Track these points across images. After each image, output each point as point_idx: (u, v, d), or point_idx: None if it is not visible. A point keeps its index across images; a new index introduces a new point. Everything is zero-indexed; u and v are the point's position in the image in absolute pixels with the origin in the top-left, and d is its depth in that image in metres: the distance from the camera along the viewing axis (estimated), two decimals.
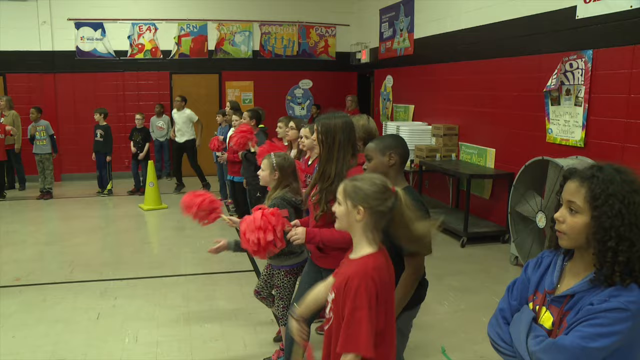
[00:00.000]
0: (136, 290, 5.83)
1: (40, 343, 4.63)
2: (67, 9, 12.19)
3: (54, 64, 12.25)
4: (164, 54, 12.71)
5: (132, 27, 12.56)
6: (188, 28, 12.73)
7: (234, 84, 13.05)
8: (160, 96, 12.53)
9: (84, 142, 11.51)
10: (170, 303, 5.46)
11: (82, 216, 9.42)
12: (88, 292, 5.81)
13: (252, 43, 13.01)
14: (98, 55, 12.48)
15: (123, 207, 9.94)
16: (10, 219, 9.23)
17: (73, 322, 5.03)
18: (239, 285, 5.90)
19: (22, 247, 7.59)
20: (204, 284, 6.02)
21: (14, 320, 5.10)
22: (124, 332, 4.82)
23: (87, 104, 11.98)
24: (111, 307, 5.37)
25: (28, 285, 6.04)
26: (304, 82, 13.39)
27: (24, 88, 12.17)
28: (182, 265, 6.72)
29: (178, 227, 8.54)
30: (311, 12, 13.14)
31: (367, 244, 2.24)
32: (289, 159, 4.09)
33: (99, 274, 6.32)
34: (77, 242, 7.84)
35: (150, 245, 8.04)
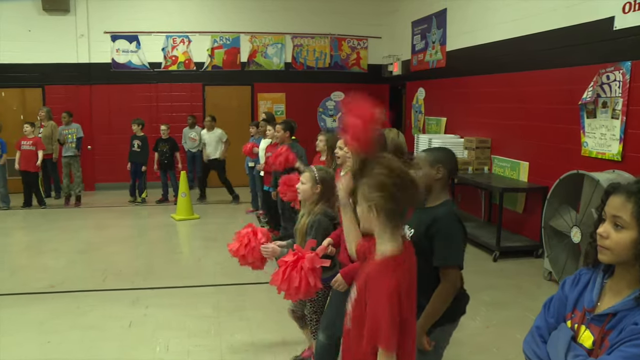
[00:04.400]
0: (167, 300, 5.87)
1: (74, 349, 4.69)
2: (104, 22, 12.45)
3: (90, 76, 12.50)
4: (197, 66, 12.87)
5: (166, 40, 12.76)
6: (221, 40, 12.88)
7: (266, 96, 13.14)
8: (192, 107, 12.67)
9: (118, 152, 11.68)
10: (200, 313, 5.48)
11: (114, 225, 9.56)
12: (120, 300, 5.86)
13: (284, 55, 13.10)
14: (133, 67, 12.69)
15: (155, 217, 10.05)
16: (45, 227, 9.40)
17: (105, 330, 5.08)
18: (269, 297, 5.87)
19: (56, 254, 7.70)
20: (234, 295, 6.03)
21: (48, 326, 5.17)
22: (155, 341, 4.85)
23: (121, 115, 12.18)
24: (143, 316, 5.41)
25: (62, 292, 6.12)
26: (336, 94, 13.41)
27: (61, 99, 12.43)
28: (212, 275, 6.74)
29: (209, 238, 8.59)
30: (343, 25, 13.18)
31: (389, 242, 2.21)
32: (331, 172, 4.06)
33: (131, 283, 6.38)
34: (110, 251, 7.94)
35: (182, 255, 8.10)
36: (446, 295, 2.81)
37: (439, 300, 2.80)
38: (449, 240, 2.80)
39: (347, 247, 2.71)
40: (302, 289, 3.32)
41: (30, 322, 5.29)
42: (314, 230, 3.73)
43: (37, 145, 10.61)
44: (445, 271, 2.81)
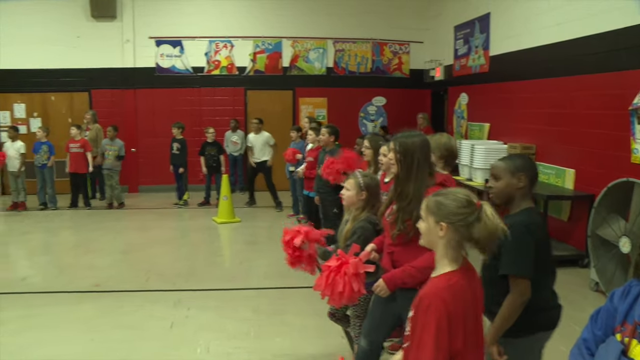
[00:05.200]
0: (208, 302, 5.91)
1: (116, 348, 4.77)
2: (149, 28, 12.68)
3: (135, 80, 12.75)
4: (239, 71, 13.00)
5: (209, 44, 12.92)
6: (263, 45, 12.98)
7: (308, 101, 13.18)
8: (235, 111, 12.79)
9: (161, 155, 11.85)
10: (241, 316, 5.50)
11: (157, 227, 9.70)
12: (162, 301, 5.94)
13: (326, 60, 13.13)
14: (176, 72, 12.89)
15: (197, 220, 10.16)
16: (91, 227, 9.61)
17: (147, 330, 5.15)
18: (309, 301, 5.85)
19: (101, 254, 7.87)
20: (275, 298, 6.04)
21: (93, 324, 5.28)
22: (195, 342, 4.89)
23: (165, 119, 12.36)
24: (184, 317, 5.46)
25: (106, 291, 6.25)
26: (377, 99, 13.38)
27: (106, 103, 12.72)
28: (253, 278, 6.78)
29: (250, 241, 8.65)
30: (385, 30, 13.14)
31: (448, 262, 2.18)
32: (375, 178, 4.04)
33: (173, 284, 6.46)
34: (153, 252, 8.07)
35: (223, 258, 8.18)
36: (512, 306, 2.73)
37: (505, 311, 2.74)
38: (516, 248, 2.71)
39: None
40: (346, 294, 3.31)
41: (75, 320, 5.42)
42: (356, 237, 3.72)
43: (85, 147, 10.88)
44: (513, 281, 2.74)
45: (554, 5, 7.93)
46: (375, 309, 3.57)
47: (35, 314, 5.56)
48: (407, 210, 3.12)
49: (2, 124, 12.75)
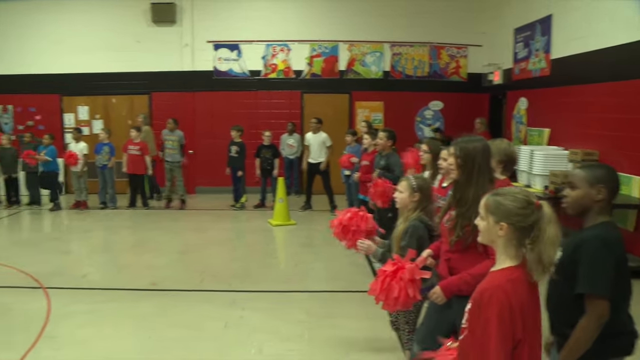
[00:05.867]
0: (262, 303, 5.93)
1: (172, 346, 4.84)
2: (207, 32, 12.89)
3: (193, 83, 12.97)
4: (295, 74, 13.06)
5: (266, 48, 13.03)
6: (320, 49, 13.00)
7: (364, 104, 13.13)
8: (291, 115, 12.84)
9: (218, 157, 11.99)
10: (294, 318, 5.49)
11: (213, 228, 9.82)
12: (217, 301, 5.99)
13: (382, 64, 13.05)
14: (234, 75, 13.05)
15: (253, 222, 10.23)
16: (149, 227, 9.82)
17: (202, 329, 5.20)
18: (363, 305, 5.79)
19: (158, 254, 8.02)
20: (329, 302, 6.01)
21: (149, 322, 5.38)
22: (249, 343, 4.91)
23: (222, 121, 12.52)
24: (239, 318, 5.49)
25: (163, 290, 6.35)
26: (434, 104, 13.21)
27: (165, 105, 12.99)
28: (307, 281, 6.77)
29: (305, 244, 8.66)
30: (442, 33, 12.96)
31: (508, 259, 2.19)
32: (428, 180, 4.02)
33: (228, 285, 6.51)
34: (209, 253, 8.17)
35: (278, 260, 8.21)
36: (589, 329, 2.54)
37: (580, 333, 2.55)
38: (593, 266, 2.54)
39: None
40: (401, 300, 3.26)
41: (133, 317, 5.52)
42: (408, 236, 3.72)
43: (143, 150, 11.13)
44: (590, 301, 2.54)
45: (619, 7, 7.64)
46: (430, 316, 3.51)
47: (96, 310, 5.71)
48: (466, 216, 3.05)
49: (67, 125, 13.21)
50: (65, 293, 6.20)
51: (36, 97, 13.22)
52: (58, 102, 13.36)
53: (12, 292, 6.29)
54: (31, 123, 13.32)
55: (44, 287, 6.35)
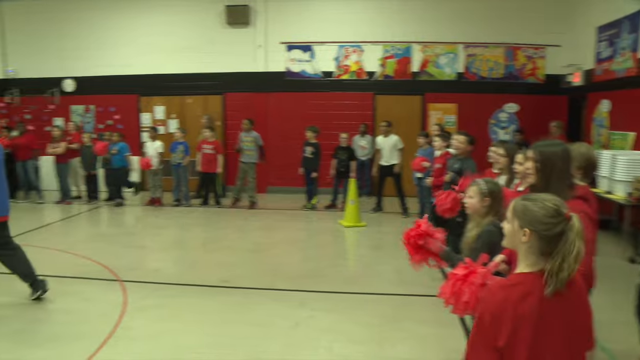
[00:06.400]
0: (332, 304, 5.88)
1: (241, 343, 4.85)
2: (280, 33, 13.01)
3: (266, 84, 13.10)
4: (368, 75, 12.98)
5: (339, 49, 13.01)
6: (393, 50, 12.88)
7: (437, 106, 12.90)
8: (363, 116, 12.75)
9: (290, 157, 12.08)
10: (363, 320, 5.41)
11: (284, 228, 9.86)
12: (287, 300, 5.98)
13: (456, 65, 12.80)
14: (306, 76, 13.10)
15: (324, 222, 10.22)
16: (220, 225, 9.98)
17: (271, 328, 5.19)
18: (432, 310, 5.67)
19: (229, 252, 8.11)
20: (398, 305, 5.90)
21: (219, 319, 5.44)
22: (318, 343, 4.87)
23: (294, 122, 12.61)
24: (308, 318, 5.45)
25: (233, 287, 6.39)
26: (509, 106, 12.83)
27: (238, 106, 13.20)
28: (378, 283, 6.67)
29: (376, 246, 8.57)
30: (519, 33, 12.55)
31: (526, 266, 2.12)
32: (498, 184, 3.88)
33: (298, 285, 6.49)
34: (279, 252, 8.20)
35: (348, 261, 8.15)
36: None
37: None
38: None
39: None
40: (472, 305, 3.13)
41: (203, 313, 5.59)
42: (482, 241, 3.58)
43: (217, 149, 11.32)
44: None
45: None
46: None
47: (168, 304, 5.82)
48: None
49: (144, 124, 13.62)
50: (140, 286, 6.35)
51: (116, 97, 13.73)
52: (136, 102, 13.81)
53: (91, 283, 6.51)
54: (110, 122, 13.83)
55: (120, 280, 6.54)
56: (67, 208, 11.66)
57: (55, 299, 5.95)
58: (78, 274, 6.81)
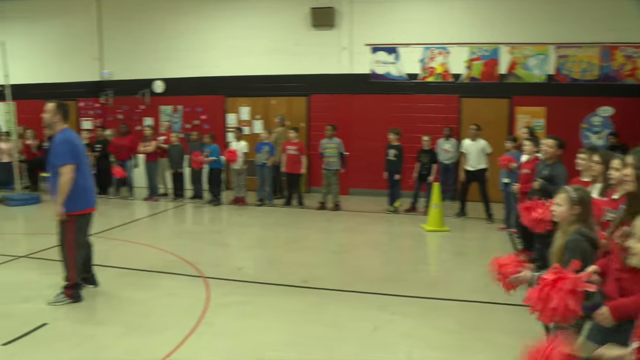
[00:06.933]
0: (412, 309, 5.78)
1: (320, 344, 4.85)
2: (365, 35, 12.98)
3: (351, 86, 13.10)
4: (454, 78, 12.73)
5: (424, 51, 12.84)
6: (479, 52, 12.58)
7: (525, 110, 12.47)
8: (447, 119, 12.53)
9: (373, 159, 12.03)
10: (444, 326, 5.29)
11: (366, 230, 9.82)
12: (366, 303, 5.93)
13: (546, 67, 12.33)
14: (391, 78, 13.01)
15: (406, 226, 10.10)
16: (303, 225, 10.06)
17: (349, 330, 5.16)
18: (516, 319, 5.46)
19: (311, 252, 8.15)
20: (480, 312, 5.71)
21: (297, 318, 5.46)
22: (397, 348, 4.79)
23: (378, 124, 12.54)
24: (388, 322, 5.38)
25: (313, 288, 6.40)
26: (603, 110, 12.23)
27: (322, 107, 13.29)
28: (459, 289, 6.50)
29: (458, 252, 8.38)
30: (617, 31, 11.91)
31: None
32: (587, 191, 3.69)
33: (378, 288, 6.42)
34: (360, 254, 8.17)
35: (429, 266, 8.01)
36: None
37: None
38: None
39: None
40: (560, 312, 2.95)
41: (284, 312, 5.62)
42: (570, 250, 3.41)
43: (301, 150, 11.42)
44: None
45: None
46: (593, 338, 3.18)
47: (249, 302, 5.89)
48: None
49: (230, 125, 13.93)
50: (223, 283, 6.47)
51: (203, 98, 14.16)
52: (222, 102, 14.15)
53: (176, 278, 6.71)
54: (197, 122, 14.24)
55: (204, 277, 6.69)
56: (154, 205, 12.10)
57: (141, 292, 6.18)
58: (163, 269, 7.04)
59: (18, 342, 4.78)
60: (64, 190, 5.49)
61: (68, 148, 5.59)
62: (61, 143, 5.60)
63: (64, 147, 5.58)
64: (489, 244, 8.83)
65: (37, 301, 5.81)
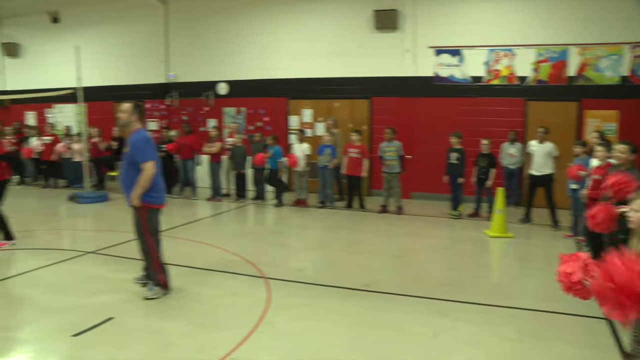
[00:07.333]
0: (474, 316, 5.66)
1: (379, 348, 4.80)
2: (429, 38, 12.85)
3: (413, 89, 13.00)
4: (520, 80, 12.42)
5: (489, 53, 12.59)
6: (547, 53, 12.23)
7: (595, 113, 12.02)
8: (512, 123, 12.22)
9: (435, 163, 11.89)
10: (507, 335, 5.15)
11: (427, 234, 9.69)
12: (427, 308, 5.86)
13: (620, 68, 11.86)
14: (454, 81, 12.81)
15: (468, 231, 9.92)
16: (364, 229, 10.04)
17: (409, 335, 5.10)
18: (584, 331, 5.26)
19: (371, 255, 8.11)
20: (544, 322, 5.52)
21: (357, 321, 5.44)
22: (458, 355, 4.70)
23: (441, 127, 12.39)
24: (449, 328, 5.28)
25: (374, 292, 6.36)
26: None
27: (384, 110, 13.23)
28: (523, 297, 6.32)
29: (523, 258, 8.17)
30: None
31: None
32: None
33: (439, 293, 6.32)
34: (421, 259, 8.09)
35: (492, 272, 7.84)
36: None
37: None
38: None
39: None
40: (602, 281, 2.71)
41: (343, 315, 5.60)
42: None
43: (364, 153, 11.39)
44: None
45: None
46: None
47: (309, 304, 5.90)
48: None
49: (292, 127, 14.05)
50: (283, 284, 6.51)
51: (266, 100, 14.35)
52: (285, 104, 14.27)
53: (238, 278, 6.80)
54: (260, 124, 14.42)
55: (265, 277, 6.75)
56: (217, 205, 12.31)
57: (204, 290, 6.29)
58: (226, 268, 7.14)
59: (86, 334, 4.97)
60: (144, 184, 5.69)
61: (149, 145, 5.81)
62: (142, 141, 5.79)
63: (145, 145, 5.79)
64: (554, 252, 8.53)
65: (104, 295, 6.03)
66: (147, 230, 5.88)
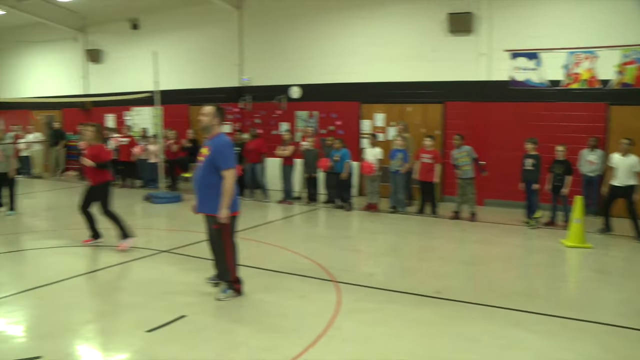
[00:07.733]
0: (549, 328, 5.47)
1: (449, 357, 4.75)
2: (505, 41, 12.55)
3: (488, 93, 12.73)
4: (602, 84, 11.91)
5: (568, 56, 12.16)
6: (633, 54, 11.68)
7: None
8: (592, 128, 11.77)
9: (510, 169, 11.61)
10: (585, 351, 4.93)
11: (501, 242, 9.47)
12: (500, 318, 5.73)
13: None
14: (531, 85, 12.46)
15: (543, 240, 9.62)
16: (436, 235, 9.92)
17: (482, 345, 5.00)
18: None
19: (443, 262, 8.01)
20: (630, 340, 5.25)
21: (428, 329, 5.38)
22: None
23: (516, 133, 12.07)
24: (522, 340, 5.14)
25: (445, 299, 6.27)
26: None
27: (458, 115, 13.04)
28: (603, 312, 6.07)
29: (602, 271, 7.83)
30: None
31: None
32: None
33: (513, 303, 6.16)
34: (495, 267, 7.89)
35: (569, 284, 7.56)
36: None
37: None
38: None
39: None
40: None
41: (414, 321, 5.56)
42: None
43: (436, 158, 11.26)
44: None
45: None
46: None
47: (379, 309, 5.89)
48: None
49: (364, 131, 14.04)
50: (353, 289, 6.51)
51: (338, 104, 14.41)
52: (357, 109, 14.27)
53: (308, 281, 6.85)
54: (332, 128, 14.48)
55: (335, 281, 6.76)
56: (288, 208, 12.44)
57: (274, 292, 6.39)
58: (295, 271, 7.22)
59: (159, 331, 5.15)
60: (229, 193, 5.72)
61: (232, 152, 5.84)
62: (226, 146, 5.81)
63: (230, 151, 5.82)
64: (637, 265, 8.21)
65: (177, 293, 6.22)
66: (228, 239, 5.94)
